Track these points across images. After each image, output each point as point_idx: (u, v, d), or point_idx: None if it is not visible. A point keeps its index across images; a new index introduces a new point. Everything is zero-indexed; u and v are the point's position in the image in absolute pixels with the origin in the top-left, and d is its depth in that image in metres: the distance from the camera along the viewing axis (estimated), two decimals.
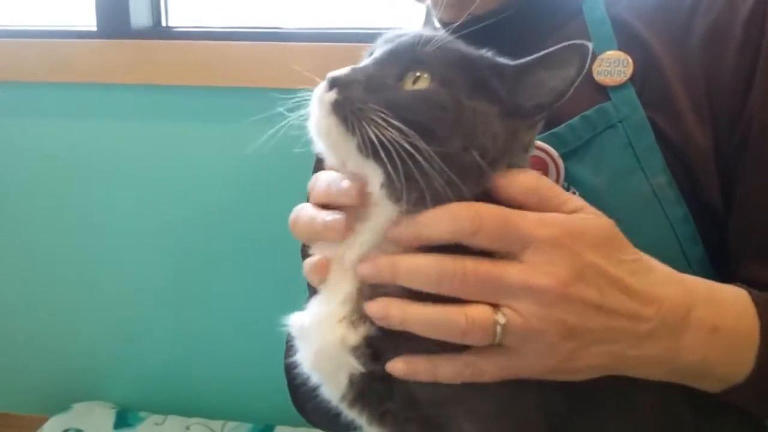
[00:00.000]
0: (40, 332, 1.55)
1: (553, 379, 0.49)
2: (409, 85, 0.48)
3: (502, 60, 0.51)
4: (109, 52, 1.35)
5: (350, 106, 0.46)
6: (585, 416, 0.52)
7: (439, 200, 0.46)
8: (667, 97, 0.64)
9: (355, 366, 0.49)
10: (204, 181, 1.38)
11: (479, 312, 0.46)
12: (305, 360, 0.54)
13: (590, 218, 0.50)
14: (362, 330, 0.49)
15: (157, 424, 1.43)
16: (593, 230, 0.49)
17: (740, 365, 0.54)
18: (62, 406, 1.47)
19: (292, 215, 0.54)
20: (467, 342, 0.46)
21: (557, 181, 0.64)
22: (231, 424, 1.42)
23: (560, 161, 0.63)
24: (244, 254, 1.40)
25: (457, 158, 0.46)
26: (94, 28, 1.41)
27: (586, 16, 0.68)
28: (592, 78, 0.66)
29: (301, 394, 0.77)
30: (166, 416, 1.45)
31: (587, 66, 0.48)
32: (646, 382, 0.52)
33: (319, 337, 0.51)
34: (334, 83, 0.47)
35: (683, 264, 0.64)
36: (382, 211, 0.48)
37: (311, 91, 0.50)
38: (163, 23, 1.48)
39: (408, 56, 0.49)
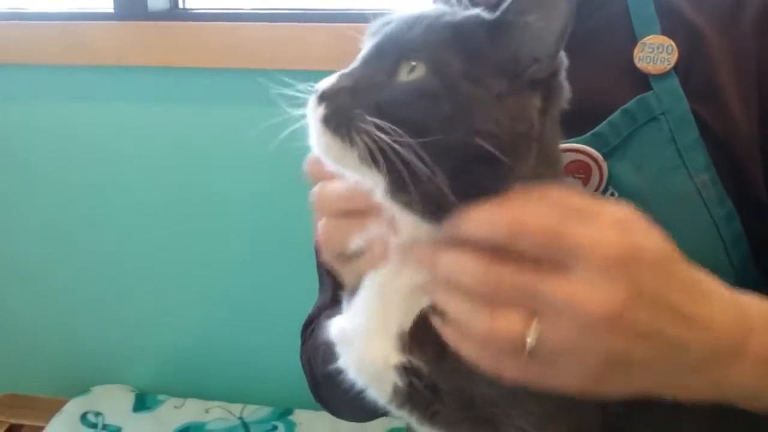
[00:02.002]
0: (60, 316, 1.55)
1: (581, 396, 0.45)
2: (404, 77, 0.44)
3: (489, 15, 0.46)
4: (125, 34, 1.34)
5: (339, 118, 0.44)
6: (641, 416, 0.50)
7: (445, 202, 0.42)
8: (714, 87, 0.61)
9: (398, 380, 0.49)
10: (222, 164, 1.37)
11: (507, 324, 0.42)
12: (349, 366, 0.52)
13: (649, 237, 0.44)
14: (406, 356, 0.48)
15: (176, 407, 1.43)
16: (652, 251, 0.43)
17: None
18: (82, 389, 1.48)
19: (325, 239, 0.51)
20: (489, 352, 0.44)
21: (599, 184, 0.61)
22: (250, 408, 1.42)
23: (604, 164, 0.60)
24: (264, 238, 1.39)
25: (462, 150, 0.42)
26: (111, 10, 1.40)
27: None
28: (633, 64, 0.62)
29: (323, 390, 0.77)
30: (185, 399, 1.45)
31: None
32: None
33: (363, 349, 0.50)
34: (322, 97, 0.45)
35: (726, 264, 0.62)
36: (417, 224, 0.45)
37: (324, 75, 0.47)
38: (180, 5, 1.46)
39: (396, 46, 0.45)
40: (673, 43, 0.61)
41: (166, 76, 1.35)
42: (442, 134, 0.42)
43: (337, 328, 0.53)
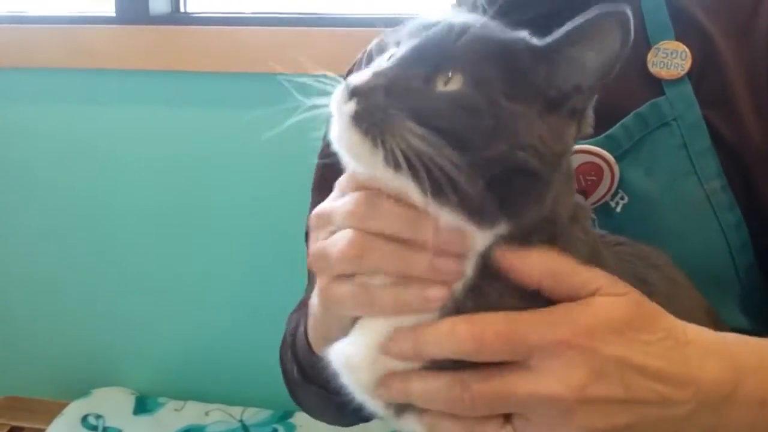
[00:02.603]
0: (60, 318, 1.55)
1: None
2: (440, 87, 0.42)
3: (538, 41, 0.45)
4: (127, 38, 1.35)
5: (372, 117, 0.42)
6: None
7: (480, 213, 0.42)
8: (727, 95, 0.60)
9: None
10: (223, 168, 1.38)
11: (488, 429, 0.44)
12: (355, 390, 0.50)
13: (607, 302, 0.44)
14: None
15: (176, 409, 1.43)
16: (611, 317, 0.44)
17: None
18: (82, 392, 1.48)
19: (336, 289, 0.47)
20: None
21: (610, 187, 0.61)
22: (250, 410, 1.42)
23: (616, 167, 0.60)
24: (263, 240, 1.40)
25: (502, 163, 0.42)
26: (113, 14, 1.40)
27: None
28: (646, 69, 0.62)
29: (296, 389, 0.77)
30: (185, 402, 1.45)
31: (631, 37, 0.42)
32: None
33: (366, 368, 0.48)
34: (354, 92, 0.43)
35: (731, 271, 0.62)
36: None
37: (326, 80, 0.46)
38: (182, 9, 1.47)
39: (437, 53, 0.43)
40: (687, 49, 0.61)
41: (168, 80, 1.35)
42: (482, 147, 0.41)
43: (338, 355, 0.50)
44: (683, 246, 0.57)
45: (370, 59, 0.82)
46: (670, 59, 0.61)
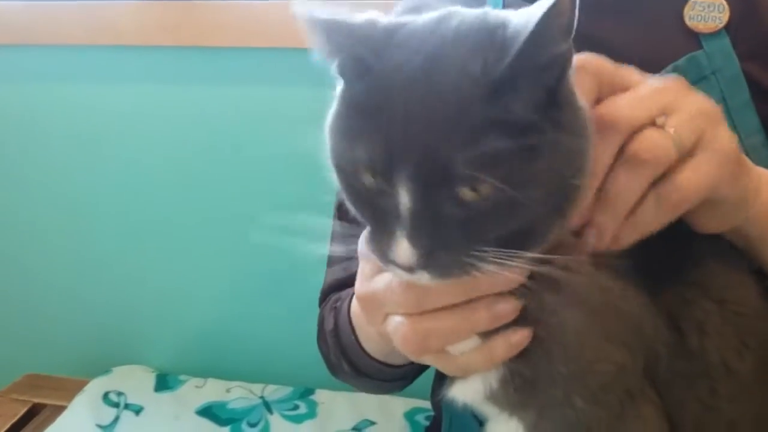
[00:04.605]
0: (79, 296, 1.56)
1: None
2: (469, 197, 0.38)
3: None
4: (150, 13, 1.34)
5: (445, 270, 0.40)
6: (689, 381, 0.50)
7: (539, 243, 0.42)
8: (766, 46, 0.60)
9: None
10: (246, 141, 1.37)
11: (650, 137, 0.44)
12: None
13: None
14: None
15: (197, 386, 1.44)
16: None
17: None
18: (102, 370, 1.48)
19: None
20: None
21: None
22: (271, 387, 1.42)
23: None
24: (285, 220, 1.39)
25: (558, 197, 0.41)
26: None
27: None
28: (683, 22, 0.61)
29: (344, 377, 0.78)
30: (206, 379, 1.46)
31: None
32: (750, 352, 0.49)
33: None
34: (411, 268, 0.40)
35: None
36: None
37: None
38: None
39: (445, 169, 0.38)
40: (724, 2, 0.60)
41: (191, 56, 1.35)
42: (537, 207, 0.40)
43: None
44: None
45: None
46: (708, 12, 0.61)
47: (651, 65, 0.61)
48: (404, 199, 0.38)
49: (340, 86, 0.43)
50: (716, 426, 0.50)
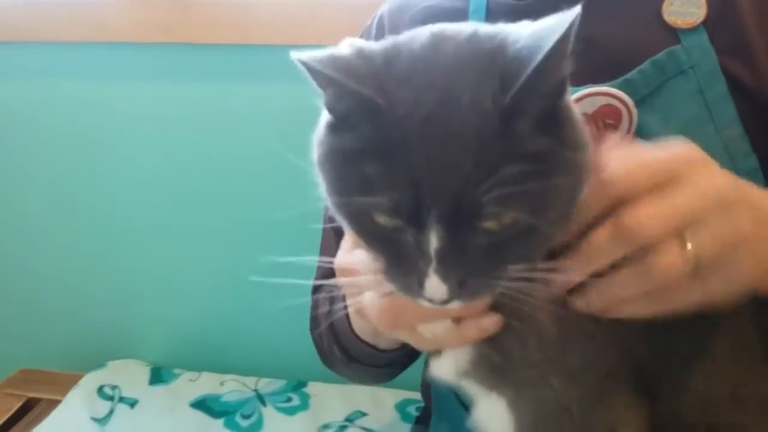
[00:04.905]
0: (73, 291, 1.57)
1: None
2: (492, 227, 0.39)
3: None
4: (145, 10, 1.35)
5: (474, 293, 0.42)
6: (665, 363, 0.52)
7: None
8: (743, 42, 0.62)
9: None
10: (239, 141, 1.39)
11: (666, 256, 0.43)
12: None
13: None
14: None
15: (191, 380, 1.45)
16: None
17: None
18: (96, 365, 1.49)
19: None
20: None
21: (629, 130, 0.62)
22: (264, 380, 1.44)
23: (634, 110, 0.61)
24: (278, 215, 1.40)
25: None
26: None
27: None
28: (662, 18, 0.63)
29: (337, 364, 0.80)
30: (200, 373, 1.47)
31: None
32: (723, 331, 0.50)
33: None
34: (444, 301, 0.41)
35: None
36: None
37: None
38: None
39: (471, 208, 0.38)
40: None
41: (186, 53, 1.36)
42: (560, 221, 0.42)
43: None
44: None
45: (381, 27, 0.83)
46: (686, 8, 0.62)
47: (630, 60, 0.63)
48: (433, 239, 0.39)
49: (328, 121, 0.43)
50: (692, 405, 0.51)
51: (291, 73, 0.45)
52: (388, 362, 0.73)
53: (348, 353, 0.73)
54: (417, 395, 1.23)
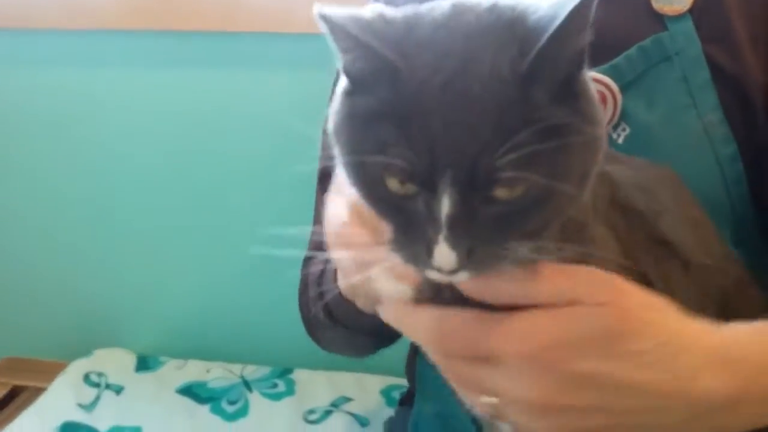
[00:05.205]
0: (59, 280, 1.57)
1: None
2: (504, 195, 0.39)
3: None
4: None
5: (484, 266, 0.41)
6: None
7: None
8: (728, 30, 0.64)
9: None
10: (227, 128, 1.39)
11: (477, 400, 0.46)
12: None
13: (584, 315, 0.43)
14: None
15: (177, 367, 1.46)
16: (586, 330, 0.42)
17: None
18: (83, 353, 1.49)
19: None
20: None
21: (613, 116, 0.63)
22: (251, 367, 1.45)
23: (619, 95, 0.63)
24: (265, 202, 1.41)
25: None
26: None
27: None
28: (650, 5, 0.65)
29: (320, 329, 0.80)
30: (187, 360, 1.48)
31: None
32: None
33: None
34: (453, 269, 0.40)
35: (726, 204, 0.66)
36: None
37: None
38: None
39: (486, 173, 0.38)
40: None
41: (171, 40, 1.36)
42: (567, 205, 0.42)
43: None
44: (682, 178, 0.60)
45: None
46: None
47: (618, 45, 0.64)
48: (445, 205, 0.39)
49: (345, 86, 0.43)
50: None
51: (280, 61, 0.46)
52: (372, 330, 0.74)
53: (331, 315, 0.72)
54: (402, 381, 1.25)
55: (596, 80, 0.63)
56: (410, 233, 0.41)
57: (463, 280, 0.42)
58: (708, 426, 0.45)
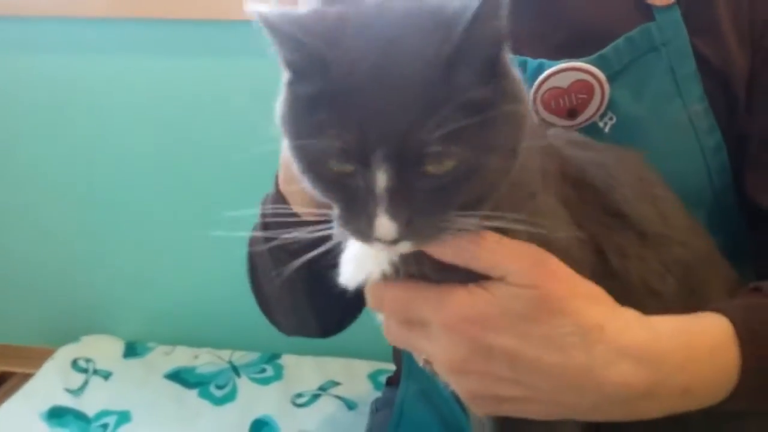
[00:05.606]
0: (48, 267, 1.57)
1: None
2: (436, 169, 0.42)
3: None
4: None
5: (423, 238, 0.44)
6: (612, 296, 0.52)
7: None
8: (714, 21, 0.64)
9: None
10: (216, 116, 1.40)
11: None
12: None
13: (507, 293, 0.47)
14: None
15: (165, 353, 1.47)
16: (507, 308, 0.47)
17: (720, 394, 0.51)
18: (71, 340, 1.50)
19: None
20: None
21: (600, 106, 0.64)
22: (238, 353, 1.46)
23: (606, 86, 0.64)
24: (254, 191, 1.41)
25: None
26: None
27: None
28: None
29: (256, 259, 0.80)
30: (175, 346, 1.49)
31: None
32: None
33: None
34: (394, 239, 0.43)
35: (708, 192, 0.67)
36: None
37: None
38: None
39: (416, 149, 0.41)
40: None
41: (157, 28, 1.36)
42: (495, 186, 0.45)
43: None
44: (666, 167, 0.60)
45: None
46: None
47: (606, 35, 0.65)
48: (380, 179, 0.41)
49: (287, 77, 0.46)
50: None
51: (263, 49, 0.47)
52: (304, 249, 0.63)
53: (267, 226, 0.72)
54: (390, 365, 1.26)
55: (584, 70, 0.64)
56: (353, 209, 0.44)
57: (405, 250, 0.45)
58: (625, 411, 0.49)
